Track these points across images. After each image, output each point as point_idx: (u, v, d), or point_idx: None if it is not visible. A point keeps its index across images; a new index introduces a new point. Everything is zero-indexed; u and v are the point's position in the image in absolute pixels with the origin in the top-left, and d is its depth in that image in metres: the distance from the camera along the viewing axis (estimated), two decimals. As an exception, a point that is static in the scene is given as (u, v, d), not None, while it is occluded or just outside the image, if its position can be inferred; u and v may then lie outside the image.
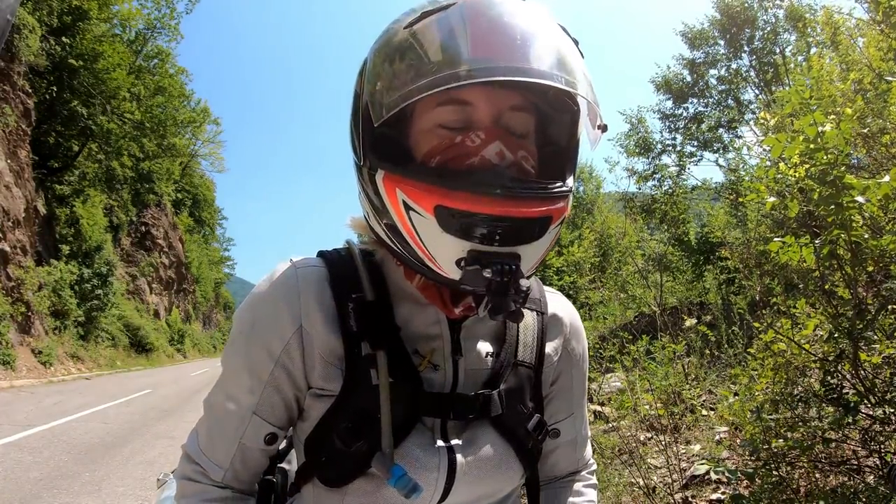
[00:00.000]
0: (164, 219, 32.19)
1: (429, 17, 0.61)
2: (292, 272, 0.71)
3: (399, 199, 0.60)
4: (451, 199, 0.57)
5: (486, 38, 0.59)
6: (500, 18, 0.60)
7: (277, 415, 0.71)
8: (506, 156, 0.62)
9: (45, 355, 13.90)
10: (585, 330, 0.91)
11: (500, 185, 0.57)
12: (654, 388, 3.85)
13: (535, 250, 0.62)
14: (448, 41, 0.59)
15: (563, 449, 0.87)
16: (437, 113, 0.63)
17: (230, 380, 0.72)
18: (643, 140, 14.91)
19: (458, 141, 0.62)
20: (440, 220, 0.58)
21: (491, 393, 0.70)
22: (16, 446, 5.61)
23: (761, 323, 2.97)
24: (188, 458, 0.75)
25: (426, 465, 0.66)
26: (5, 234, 13.44)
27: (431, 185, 0.58)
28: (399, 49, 0.62)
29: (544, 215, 0.60)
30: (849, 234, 2.13)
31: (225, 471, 0.72)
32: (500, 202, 0.57)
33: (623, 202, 15.30)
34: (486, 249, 0.59)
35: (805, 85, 2.78)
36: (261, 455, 0.74)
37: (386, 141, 0.64)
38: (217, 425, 0.73)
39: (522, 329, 0.78)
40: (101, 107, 18.15)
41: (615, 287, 8.81)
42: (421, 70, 0.59)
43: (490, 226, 0.57)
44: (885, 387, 2.37)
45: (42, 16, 15.26)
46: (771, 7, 13.97)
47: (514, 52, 0.59)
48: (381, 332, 0.67)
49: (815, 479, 2.59)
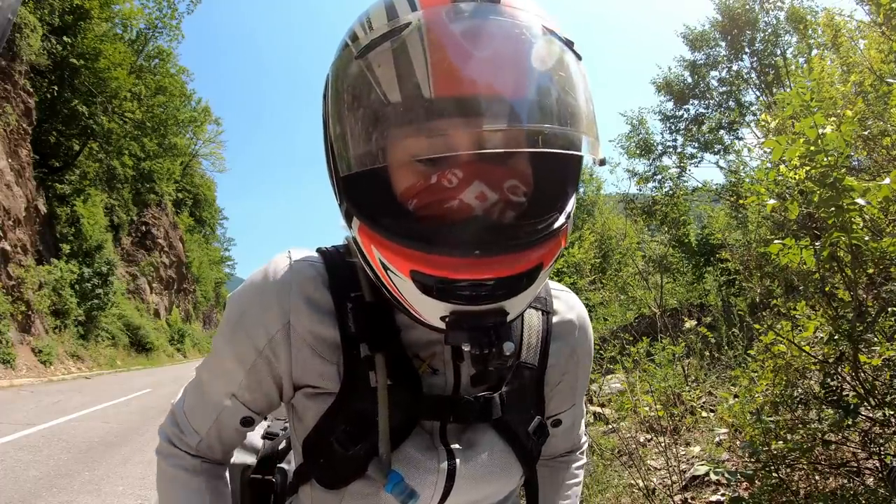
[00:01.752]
0: (165, 218, 32.20)
1: (381, 44, 0.53)
2: (287, 265, 0.69)
3: (377, 258, 0.57)
4: (425, 264, 0.53)
5: (447, 70, 0.51)
6: (464, 36, 0.52)
7: (255, 401, 0.72)
8: (488, 197, 0.55)
9: (45, 354, 13.90)
10: None
11: (480, 244, 0.51)
12: (653, 389, 3.84)
13: (525, 298, 0.58)
14: (406, 76, 0.52)
15: (563, 433, 0.88)
16: (409, 144, 0.56)
17: (216, 361, 0.73)
18: (644, 141, 14.95)
19: (435, 181, 0.56)
20: (417, 285, 0.54)
21: (492, 396, 0.69)
22: (15, 445, 5.60)
23: (761, 325, 2.97)
24: (173, 416, 0.78)
25: (425, 467, 0.65)
26: (6, 233, 13.45)
27: (405, 247, 0.53)
28: (354, 84, 0.56)
29: (534, 266, 0.54)
30: (849, 236, 2.13)
31: (200, 439, 0.75)
32: (480, 264, 0.52)
33: (624, 203, 15.32)
34: (468, 310, 0.55)
35: (806, 87, 2.78)
36: (235, 433, 0.76)
37: (362, 179, 0.59)
38: (200, 397, 0.75)
39: (527, 329, 0.75)
40: (103, 106, 18.17)
41: (615, 288, 8.81)
42: (379, 115, 0.54)
43: (470, 289, 0.53)
44: (885, 389, 2.37)
45: (43, 15, 15.28)
46: (772, 9, 13.99)
47: (477, 87, 0.51)
48: (380, 334, 0.66)
49: (815, 481, 2.59)
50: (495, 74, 0.52)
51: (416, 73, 0.52)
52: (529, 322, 0.76)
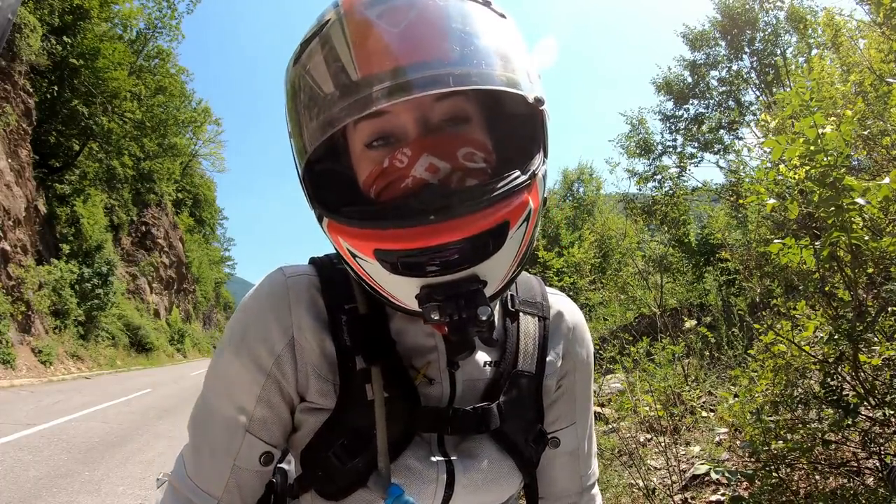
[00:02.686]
0: (165, 218, 32.20)
1: (309, 44, 0.57)
2: (282, 281, 0.67)
3: (345, 248, 0.57)
4: (384, 240, 0.53)
5: (368, 51, 0.53)
6: (380, 17, 0.54)
7: (271, 432, 0.67)
8: (439, 167, 0.55)
9: (45, 354, 13.91)
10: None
11: (434, 209, 0.51)
12: (653, 389, 3.85)
13: (500, 261, 0.56)
14: (333, 64, 0.55)
15: (563, 461, 0.81)
16: (359, 132, 0.59)
17: (218, 396, 0.67)
18: (644, 141, 14.95)
19: (387, 165, 0.57)
20: (383, 264, 0.54)
21: (490, 406, 0.67)
22: (15, 445, 5.61)
23: (761, 324, 2.97)
24: (174, 490, 0.68)
25: (424, 478, 0.65)
26: (6, 233, 13.45)
27: (363, 228, 0.54)
28: (294, 90, 0.59)
29: (497, 223, 0.53)
30: (849, 236, 2.13)
31: (218, 501, 0.66)
32: (437, 230, 0.51)
33: (623, 203, 15.32)
34: (438, 281, 0.54)
35: (806, 87, 2.78)
36: (256, 479, 0.68)
37: (328, 177, 0.61)
38: (206, 449, 0.67)
39: (523, 336, 0.74)
40: (102, 106, 18.17)
41: (615, 288, 8.80)
42: (318, 108, 0.55)
43: (433, 257, 0.53)
44: (885, 389, 2.37)
45: (43, 15, 15.28)
46: (772, 8, 13.98)
47: (404, 53, 0.52)
48: (375, 346, 0.64)
49: (815, 480, 2.59)
50: (415, 44, 0.53)
51: (342, 61, 0.54)
52: (526, 329, 0.74)
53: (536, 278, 0.82)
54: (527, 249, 0.60)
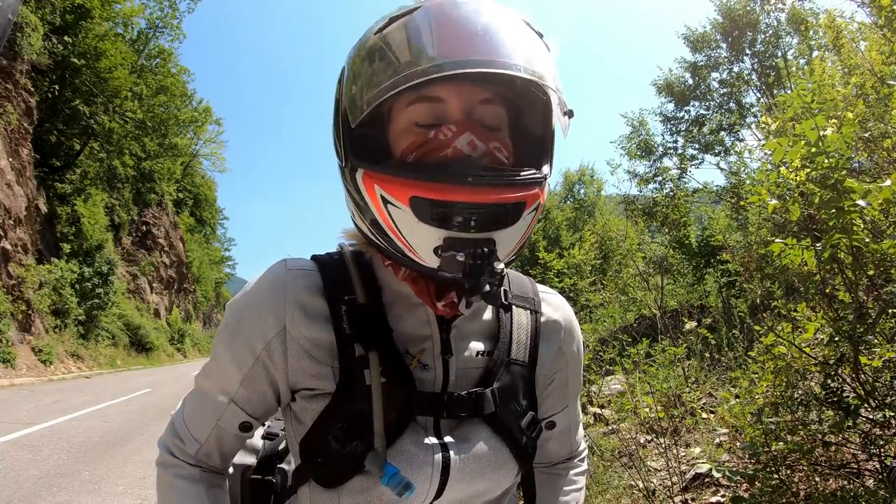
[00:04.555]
0: (166, 218, 32.23)
1: (396, 21, 0.65)
2: (283, 273, 0.73)
3: (378, 195, 0.63)
4: (424, 189, 0.60)
5: (450, 36, 0.62)
6: (464, 17, 0.64)
7: (253, 406, 0.75)
8: (478, 146, 0.65)
9: (46, 354, 13.92)
10: (585, 332, 0.91)
11: (471, 174, 0.60)
12: (654, 390, 3.85)
13: (511, 235, 0.64)
14: (415, 41, 0.63)
15: (558, 437, 0.89)
16: (410, 112, 0.67)
17: (215, 366, 0.76)
18: (644, 143, 14.93)
19: (432, 136, 0.65)
20: (415, 211, 0.61)
21: (483, 391, 0.71)
22: (15, 444, 5.61)
23: (762, 326, 2.97)
24: (172, 426, 0.79)
25: (420, 461, 0.67)
26: (6, 233, 13.46)
27: (406, 178, 0.62)
28: (371, 54, 0.66)
29: (517, 201, 0.62)
30: (850, 237, 2.13)
31: (199, 447, 0.76)
32: (472, 190, 0.59)
33: (624, 205, 15.30)
34: (460, 236, 0.61)
35: (807, 89, 2.79)
36: (235, 440, 0.78)
37: (365, 141, 0.67)
38: (199, 403, 0.77)
39: (516, 327, 0.78)
40: (103, 106, 18.20)
41: (616, 289, 8.81)
42: (391, 71, 0.62)
43: (463, 213, 0.60)
44: (886, 390, 2.37)
45: (44, 14, 15.30)
46: (773, 10, 13.98)
47: (478, 46, 0.61)
48: (373, 333, 0.69)
49: (815, 482, 2.59)
50: (489, 41, 0.62)
51: (424, 38, 0.62)
52: (519, 320, 0.79)
53: (528, 278, 0.88)
54: (527, 238, 0.69)
